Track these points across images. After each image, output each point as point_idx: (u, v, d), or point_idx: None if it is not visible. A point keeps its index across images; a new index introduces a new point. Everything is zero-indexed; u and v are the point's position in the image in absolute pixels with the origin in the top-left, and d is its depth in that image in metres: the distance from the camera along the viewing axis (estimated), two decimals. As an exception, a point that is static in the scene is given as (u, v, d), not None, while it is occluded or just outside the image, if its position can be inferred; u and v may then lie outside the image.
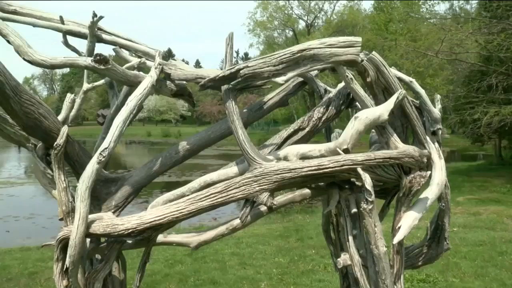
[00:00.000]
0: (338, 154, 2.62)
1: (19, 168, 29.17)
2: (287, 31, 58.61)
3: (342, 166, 2.53)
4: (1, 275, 7.38)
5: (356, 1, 53.36)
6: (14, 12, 3.12)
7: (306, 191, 2.91)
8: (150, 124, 73.86)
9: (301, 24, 57.95)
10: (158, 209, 2.65)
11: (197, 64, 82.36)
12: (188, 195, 2.78)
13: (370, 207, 2.56)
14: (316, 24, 57.28)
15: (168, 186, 16.83)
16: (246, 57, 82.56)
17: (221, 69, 3.02)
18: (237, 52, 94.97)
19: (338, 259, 2.89)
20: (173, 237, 2.98)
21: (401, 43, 25.16)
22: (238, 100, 2.87)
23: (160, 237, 2.94)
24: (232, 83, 2.72)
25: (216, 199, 2.56)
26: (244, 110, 3.17)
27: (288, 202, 2.94)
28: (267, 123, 58.47)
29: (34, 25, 3.15)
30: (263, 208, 2.77)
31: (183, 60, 3.11)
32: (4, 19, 2.91)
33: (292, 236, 9.70)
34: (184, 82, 3.09)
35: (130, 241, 2.87)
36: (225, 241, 8.83)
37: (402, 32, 34.49)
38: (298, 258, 8.07)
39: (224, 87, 2.76)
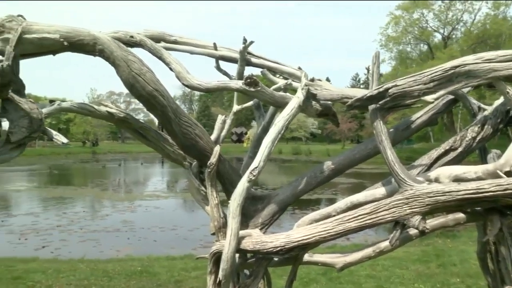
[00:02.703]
0: (498, 176, 2.42)
1: (163, 183, 31.73)
2: (421, 45, 56.18)
3: (505, 190, 2.32)
4: (152, 281, 8.06)
5: (502, 8, 49.05)
6: (175, 42, 3.44)
7: (460, 215, 2.72)
8: (281, 141, 74.95)
9: (437, 37, 55.17)
10: (305, 228, 2.68)
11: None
12: (334, 215, 2.78)
13: (539, 237, 2.31)
14: (453, 36, 54.06)
15: (299, 204, 17.01)
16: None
17: (352, 86, 2.97)
18: (368, 69, 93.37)
19: (500, 292, 2.65)
20: (319, 257, 2.98)
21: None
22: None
23: (306, 256, 2.96)
24: (380, 102, 2.67)
25: (364, 220, 2.52)
26: (391, 130, 3.09)
27: (441, 226, 2.77)
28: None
29: (191, 53, 3.44)
30: (413, 231, 2.66)
31: (313, 79, 3.14)
32: (167, 48, 3.22)
33: (432, 261, 9.11)
34: (329, 102, 3.12)
35: (276, 259, 2.94)
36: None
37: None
38: (441, 285, 7.54)
39: (371, 107, 2.72)
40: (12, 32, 2.56)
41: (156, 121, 3.28)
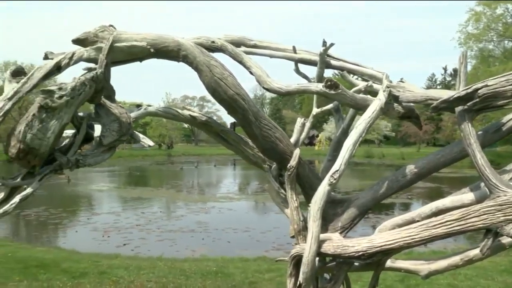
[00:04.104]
0: None
1: (235, 185, 32.19)
2: (505, 42, 52.87)
3: None
4: (226, 281, 8.21)
5: None
6: (255, 46, 3.48)
7: (560, 224, 2.53)
8: (353, 144, 73.79)
9: (524, 33, 51.53)
10: (388, 233, 2.62)
11: (401, 83, 79.71)
12: (417, 220, 2.69)
13: None
14: (547, 30, 50.24)
15: (373, 207, 16.58)
16: (455, 73, 77.17)
17: (428, 87, 2.84)
18: (445, 69, 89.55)
19: None
20: (402, 263, 2.90)
21: None
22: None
23: (388, 262, 2.89)
24: (468, 104, 2.55)
25: (452, 227, 2.41)
26: (479, 132, 2.94)
27: (538, 235, 2.59)
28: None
29: (271, 56, 3.47)
30: (507, 240, 2.51)
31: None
32: (246, 53, 3.28)
33: (521, 273, 8.54)
34: (412, 104, 3.02)
35: (357, 264, 2.89)
36: (440, 271, 8.20)
37: None
38: (532, 299, 7.05)
39: (458, 109, 2.61)
40: (104, 41, 2.72)
41: (228, 123, 3.35)
